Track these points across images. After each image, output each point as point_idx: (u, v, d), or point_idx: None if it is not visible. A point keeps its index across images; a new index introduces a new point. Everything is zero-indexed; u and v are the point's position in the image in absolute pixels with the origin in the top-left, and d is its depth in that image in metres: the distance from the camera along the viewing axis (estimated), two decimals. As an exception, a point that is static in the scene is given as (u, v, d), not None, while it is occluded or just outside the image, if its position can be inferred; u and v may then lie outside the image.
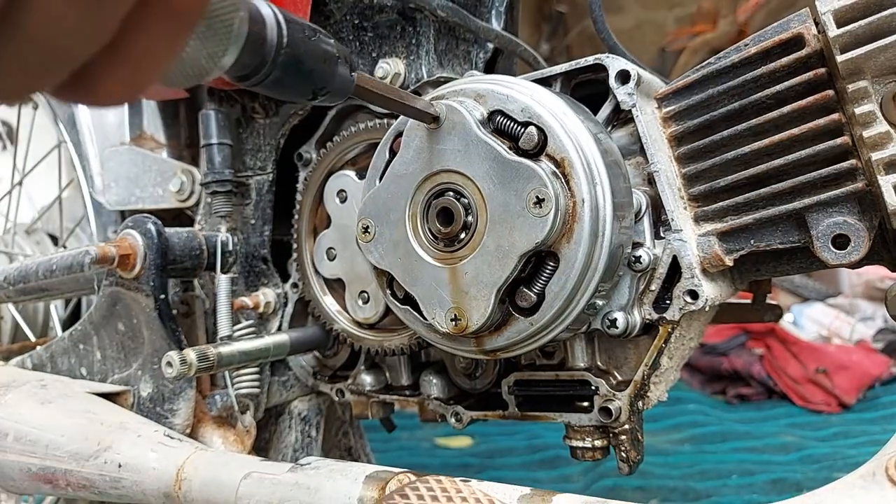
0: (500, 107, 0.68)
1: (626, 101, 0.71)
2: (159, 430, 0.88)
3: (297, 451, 1.09)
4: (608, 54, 0.73)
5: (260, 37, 0.41)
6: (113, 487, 0.84)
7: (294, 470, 0.73)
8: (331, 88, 0.49)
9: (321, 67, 0.47)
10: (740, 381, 2.76)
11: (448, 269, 0.69)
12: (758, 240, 0.68)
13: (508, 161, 0.65)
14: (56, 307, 1.45)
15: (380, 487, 0.66)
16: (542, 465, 2.05)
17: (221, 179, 0.98)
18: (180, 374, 0.80)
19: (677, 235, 0.69)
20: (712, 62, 0.68)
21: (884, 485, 0.51)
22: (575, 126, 0.66)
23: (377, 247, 0.74)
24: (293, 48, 0.43)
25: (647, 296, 0.71)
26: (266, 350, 0.91)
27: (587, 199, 0.64)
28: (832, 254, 0.63)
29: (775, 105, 0.65)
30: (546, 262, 0.67)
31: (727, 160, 0.67)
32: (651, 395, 0.75)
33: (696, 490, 1.81)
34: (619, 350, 0.77)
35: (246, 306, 0.98)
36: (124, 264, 0.90)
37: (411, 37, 0.88)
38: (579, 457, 0.77)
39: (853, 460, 1.97)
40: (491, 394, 0.86)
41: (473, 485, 0.63)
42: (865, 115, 0.60)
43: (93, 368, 1.00)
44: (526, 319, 0.68)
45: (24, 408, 0.91)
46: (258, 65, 0.42)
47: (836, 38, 0.60)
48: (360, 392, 0.96)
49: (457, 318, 0.69)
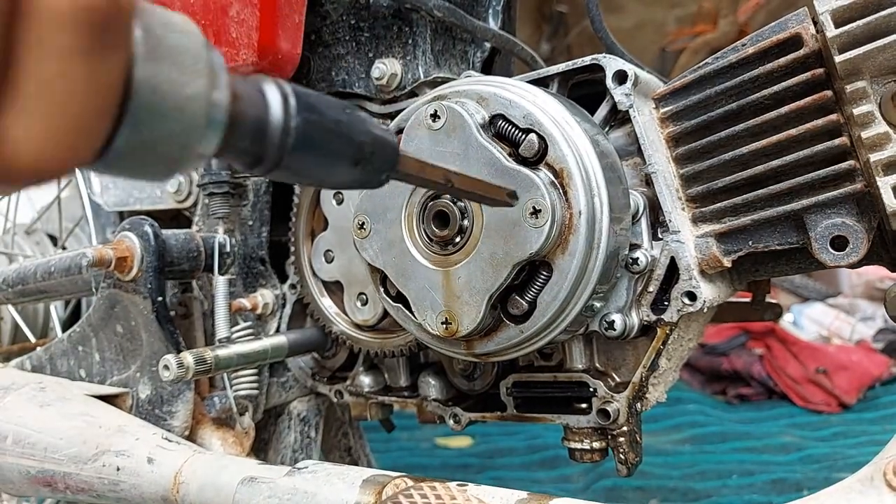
0: (502, 111, 0.68)
1: (624, 101, 0.71)
2: (158, 432, 0.88)
3: (296, 452, 1.09)
4: (605, 54, 0.73)
5: (257, 120, 0.35)
6: (111, 490, 0.84)
7: (291, 474, 0.73)
8: (365, 179, 0.41)
9: (357, 152, 0.39)
10: (740, 381, 2.76)
11: (441, 273, 0.69)
12: (756, 241, 0.68)
13: (507, 168, 0.65)
14: (56, 308, 1.45)
15: (376, 492, 0.66)
16: (542, 465, 2.04)
17: (218, 181, 0.98)
18: (177, 377, 0.80)
19: (675, 237, 0.69)
20: (710, 62, 0.68)
21: (882, 490, 0.50)
22: (576, 135, 0.66)
23: (372, 244, 0.74)
24: (313, 132, 0.36)
25: (645, 297, 0.70)
26: (264, 352, 0.91)
27: (584, 211, 0.64)
28: (831, 255, 0.63)
29: (773, 105, 0.65)
30: (539, 271, 0.67)
31: (725, 161, 0.67)
32: (649, 397, 0.74)
33: (696, 490, 1.81)
34: (617, 351, 0.77)
35: (244, 308, 0.98)
36: (121, 267, 0.90)
37: (408, 37, 0.88)
38: (578, 458, 0.77)
39: (853, 460, 1.97)
40: (489, 395, 0.86)
41: (470, 490, 0.63)
42: (864, 116, 0.60)
43: (92, 370, 1.00)
44: (517, 327, 0.68)
45: (23, 410, 0.91)
46: (258, 152, 0.35)
47: (834, 38, 0.60)
48: (358, 393, 0.95)
49: (447, 322, 0.69)
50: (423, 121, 0.70)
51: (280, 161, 0.36)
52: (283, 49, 0.85)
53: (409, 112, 0.74)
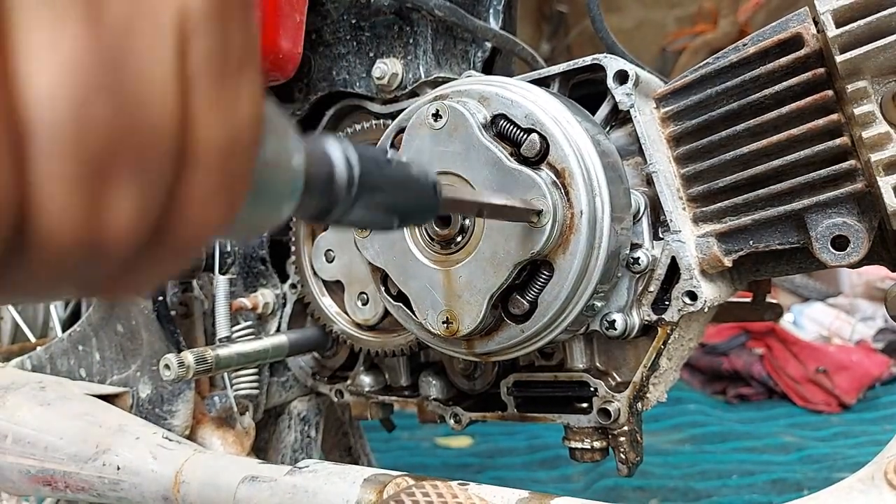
0: (503, 111, 0.68)
1: (625, 101, 0.71)
2: (158, 432, 0.88)
3: (296, 452, 1.09)
4: (606, 54, 0.73)
5: (326, 179, 0.36)
6: (112, 490, 0.84)
7: (292, 473, 0.73)
8: (416, 216, 0.44)
9: (403, 197, 0.42)
10: (740, 381, 2.76)
11: (442, 272, 0.69)
12: (757, 240, 0.68)
13: (509, 168, 0.65)
14: (56, 307, 1.45)
15: (377, 491, 0.66)
16: (543, 465, 2.04)
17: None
18: (178, 377, 0.80)
19: (676, 236, 0.69)
20: (711, 62, 0.68)
21: (882, 489, 0.50)
22: (577, 135, 0.66)
23: (373, 243, 0.74)
24: (369, 183, 0.38)
25: (646, 297, 0.70)
26: (265, 352, 0.91)
27: (585, 211, 0.64)
28: (831, 255, 0.63)
29: (774, 105, 0.65)
30: (541, 271, 0.66)
31: (726, 161, 0.67)
32: (650, 397, 0.74)
33: (697, 490, 1.81)
34: (617, 351, 0.77)
35: (244, 307, 0.98)
36: (122, 266, 0.90)
37: (409, 36, 0.88)
38: (578, 458, 0.77)
39: (853, 460, 1.97)
40: (490, 395, 0.86)
41: (471, 489, 0.63)
42: (865, 116, 0.60)
43: (92, 370, 1.00)
44: (517, 326, 0.68)
45: (24, 410, 0.91)
46: (326, 207, 0.37)
47: (835, 38, 0.60)
48: (359, 393, 0.95)
49: (448, 321, 0.69)
50: (424, 120, 0.70)
51: (344, 215, 0.37)
52: (284, 48, 0.85)
53: (410, 111, 0.74)
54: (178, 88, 0.25)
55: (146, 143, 0.24)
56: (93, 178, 0.23)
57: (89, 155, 0.23)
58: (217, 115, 0.26)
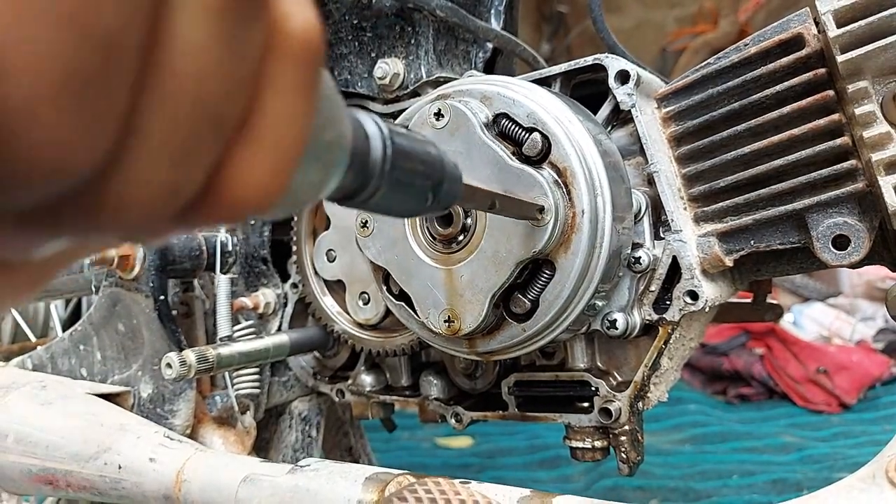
0: (505, 110, 0.68)
1: (626, 101, 0.71)
2: (159, 431, 0.88)
3: (297, 451, 1.09)
4: (608, 54, 0.73)
5: (363, 151, 0.33)
6: (113, 489, 0.84)
7: (293, 472, 0.73)
8: (432, 210, 0.41)
9: (430, 178, 0.39)
10: (741, 381, 2.76)
11: (444, 271, 0.69)
12: (758, 240, 0.68)
13: (510, 167, 0.65)
14: (56, 307, 1.45)
15: (379, 490, 0.66)
16: (543, 465, 2.04)
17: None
18: (180, 375, 0.80)
19: (677, 236, 0.69)
20: (712, 62, 0.68)
21: (884, 487, 0.51)
22: (579, 134, 0.66)
23: (375, 242, 0.74)
24: (401, 162, 0.35)
25: (647, 296, 0.70)
26: (266, 351, 0.91)
27: (587, 210, 0.64)
28: (832, 254, 0.63)
29: (775, 105, 0.65)
30: (542, 270, 0.67)
31: (727, 161, 0.67)
32: (651, 396, 0.75)
33: (697, 490, 1.81)
34: (618, 351, 0.77)
35: (246, 307, 0.98)
36: (124, 265, 0.90)
37: (410, 37, 0.88)
38: (579, 457, 0.77)
39: (853, 460, 1.97)
40: (491, 394, 0.86)
41: (473, 487, 0.63)
42: (866, 116, 0.60)
43: (93, 369, 1.00)
44: (519, 325, 0.68)
45: (25, 409, 0.91)
46: (360, 186, 0.34)
47: (836, 38, 0.60)
48: (360, 392, 0.95)
49: (450, 320, 0.69)
50: (426, 120, 0.70)
51: (375, 194, 0.34)
52: (286, 48, 0.84)
53: (412, 111, 0.74)
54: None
55: (219, 110, 0.23)
56: (187, 145, 0.22)
57: (194, 127, 0.22)
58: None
